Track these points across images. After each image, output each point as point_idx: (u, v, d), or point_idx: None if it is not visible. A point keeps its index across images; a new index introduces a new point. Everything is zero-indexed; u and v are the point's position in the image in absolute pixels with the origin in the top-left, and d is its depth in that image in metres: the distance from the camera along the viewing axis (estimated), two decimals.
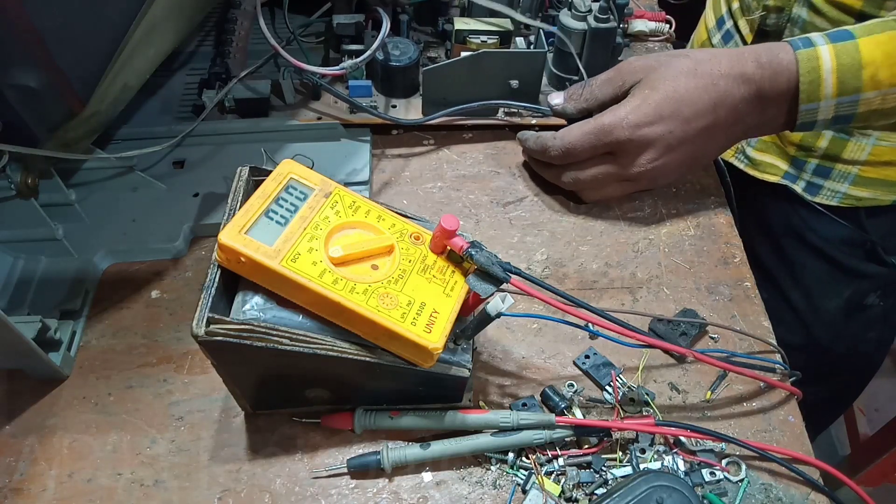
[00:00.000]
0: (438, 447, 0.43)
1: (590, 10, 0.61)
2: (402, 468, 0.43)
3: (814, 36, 0.50)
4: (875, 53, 0.48)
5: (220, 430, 0.45)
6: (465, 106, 0.61)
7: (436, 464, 0.44)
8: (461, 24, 0.63)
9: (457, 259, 0.42)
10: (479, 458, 0.44)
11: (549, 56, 0.65)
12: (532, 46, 0.66)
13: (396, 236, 0.42)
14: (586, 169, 0.56)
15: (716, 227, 0.58)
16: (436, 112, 0.61)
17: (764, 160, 0.73)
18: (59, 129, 0.46)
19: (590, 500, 0.42)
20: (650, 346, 0.45)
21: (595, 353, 0.49)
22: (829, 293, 0.52)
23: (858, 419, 1.41)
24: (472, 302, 0.42)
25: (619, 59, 0.66)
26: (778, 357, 0.49)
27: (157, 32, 0.49)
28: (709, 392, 0.47)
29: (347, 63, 0.58)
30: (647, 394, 0.46)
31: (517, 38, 0.67)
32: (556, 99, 0.58)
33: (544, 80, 0.66)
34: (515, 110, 0.63)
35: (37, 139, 0.45)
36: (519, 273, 0.40)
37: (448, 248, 0.41)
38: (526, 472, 0.43)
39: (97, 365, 0.48)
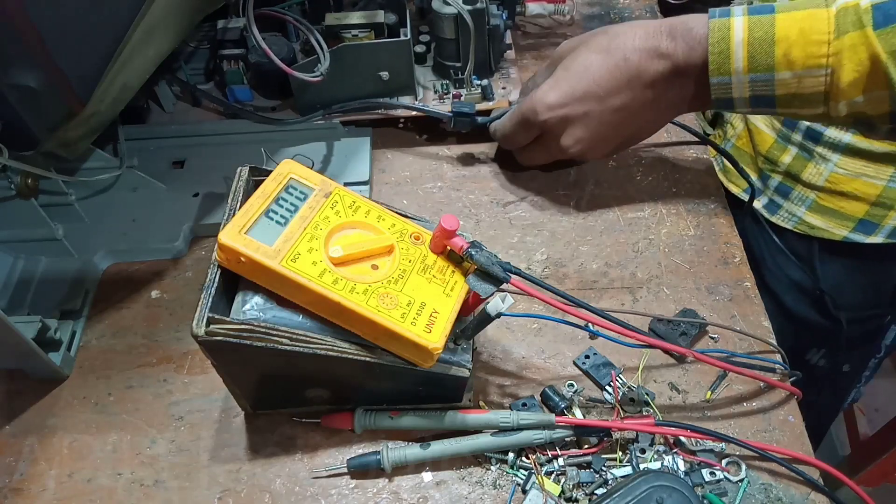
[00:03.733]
0: (438, 447, 0.43)
1: None
2: (402, 468, 0.43)
3: (736, 7, 0.48)
4: (790, 30, 0.45)
5: (220, 430, 0.45)
6: (340, 106, 0.61)
7: (436, 464, 0.44)
8: (332, 18, 0.60)
9: (457, 259, 0.42)
10: (479, 458, 0.44)
11: (431, 45, 0.65)
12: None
13: (396, 236, 0.42)
14: (527, 151, 0.59)
15: (716, 227, 0.58)
16: (311, 112, 0.61)
17: (733, 169, 0.72)
18: (59, 129, 0.46)
19: (590, 500, 0.42)
20: (650, 346, 0.45)
21: (595, 353, 0.49)
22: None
23: (858, 419, 1.41)
24: (472, 302, 0.42)
25: (507, 42, 0.66)
26: (778, 357, 0.49)
27: (157, 32, 0.49)
28: (709, 392, 0.47)
29: (323, 68, 0.57)
30: (647, 394, 0.46)
31: (403, 30, 0.61)
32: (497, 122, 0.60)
33: (429, 69, 0.65)
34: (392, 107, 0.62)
35: (37, 139, 0.45)
36: (519, 273, 0.40)
37: (448, 248, 0.41)
38: (526, 472, 0.43)
39: (97, 365, 0.48)
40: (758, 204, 0.69)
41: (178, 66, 0.63)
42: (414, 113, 0.62)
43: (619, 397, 0.46)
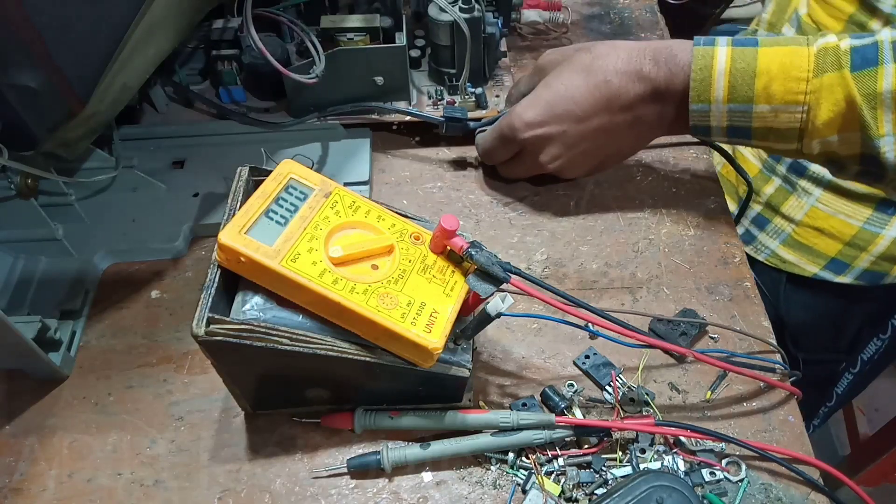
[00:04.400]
0: (438, 447, 0.43)
1: (455, 1, 0.58)
2: (402, 468, 0.43)
3: (721, 37, 0.48)
4: (772, 64, 0.45)
5: (220, 430, 0.45)
6: (334, 109, 0.61)
7: (436, 464, 0.44)
8: (328, 21, 0.59)
9: (457, 259, 0.42)
10: (479, 458, 0.44)
11: (427, 51, 0.65)
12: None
13: (396, 236, 0.42)
14: (508, 165, 0.59)
15: (716, 227, 0.58)
16: (305, 114, 0.61)
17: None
18: (58, 129, 0.46)
19: (590, 500, 0.42)
20: (650, 346, 0.45)
21: (595, 353, 0.49)
22: None
23: (858, 419, 1.41)
24: (472, 302, 0.42)
25: (502, 50, 0.66)
26: (778, 357, 0.49)
27: (157, 32, 0.49)
28: (709, 392, 0.47)
29: (318, 70, 0.57)
30: (647, 394, 0.46)
31: (399, 34, 0.61)
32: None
33: (424, 73, 0.65)
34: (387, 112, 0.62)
35: (37, 139, 0.45)
36: (519, 273, 0.40)
37: (448, 248, 0.41)
38: (526, 472, 0.43)
39: (97, 365, 0.48)
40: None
41: (172, 66, 0.63)
42: (407, 118, 0.62)
43: (619, 397, 0.46)
